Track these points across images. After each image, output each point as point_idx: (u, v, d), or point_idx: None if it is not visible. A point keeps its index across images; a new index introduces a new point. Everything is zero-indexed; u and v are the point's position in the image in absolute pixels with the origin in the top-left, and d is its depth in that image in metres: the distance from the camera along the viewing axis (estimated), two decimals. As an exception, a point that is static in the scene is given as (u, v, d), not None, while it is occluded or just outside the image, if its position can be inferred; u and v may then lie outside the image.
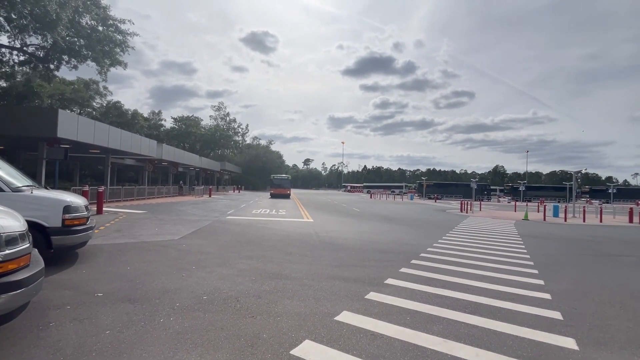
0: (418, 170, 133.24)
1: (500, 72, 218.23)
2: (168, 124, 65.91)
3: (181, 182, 36.72)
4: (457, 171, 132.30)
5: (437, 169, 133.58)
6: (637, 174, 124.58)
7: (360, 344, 3.17)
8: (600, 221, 18.32)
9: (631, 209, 19.39)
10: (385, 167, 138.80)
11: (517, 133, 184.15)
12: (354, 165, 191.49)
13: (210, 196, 33.32)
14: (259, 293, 4.56)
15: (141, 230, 9.87)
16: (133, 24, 23.77)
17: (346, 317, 3.81)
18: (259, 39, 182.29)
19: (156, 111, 65.16)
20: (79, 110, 38.95)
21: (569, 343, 3.33)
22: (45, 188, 6.38)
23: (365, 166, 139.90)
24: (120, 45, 23.14)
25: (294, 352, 2.97)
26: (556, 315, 4.11)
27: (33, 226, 4.81)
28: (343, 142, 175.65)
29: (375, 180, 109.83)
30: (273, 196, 35.53)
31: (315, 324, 3.58)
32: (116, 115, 43.89)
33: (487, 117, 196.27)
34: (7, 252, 2.83)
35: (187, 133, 62.34)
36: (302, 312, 3.93)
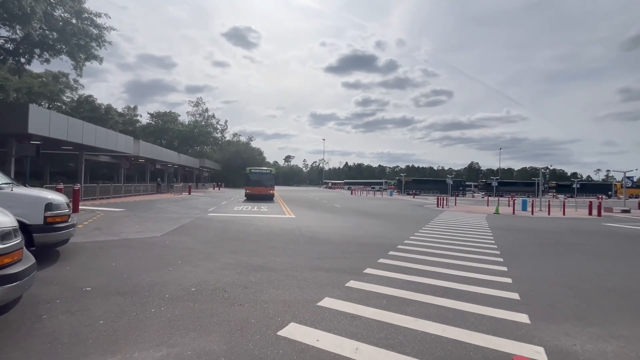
0: (398, 167, 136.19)
1: (476, 72, 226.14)
2: (144, 119, 63.96)
3: (159, 179, 35.89)
4: (435, 168, 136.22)
5: (416, 165, 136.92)
6: (599, 170, 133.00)
7: (341, 324, 3.50)
8: (563, 214, 19.66)
9: (590, 202, 20.90)
10: (366, 163, 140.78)
11: (492, 131, 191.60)
12: (335, 162, 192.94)
13: (189, 194, 32.81)
14: (246, 284, 4.80)
15: (122, 227, 9.79)
16: (109, 17, 22.96)
17: (328, 302, 4.13)
18: (241, 35, 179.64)
19: (131, 106, 63.05)
20: (47, 105, 37.14)
21: (523, 318, 3.80)
22: (24, 186, 6.29)
23: (346, 163, 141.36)
24: (96, 40, 22.29)
25: (281, 333, 3.25)
26: (514, 296, 4.60)
27: (15, 224, 4.80)
28: (324, 139, 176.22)
29: (356, 177, 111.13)
30: (250, 197, 25.26)
31: (299, 309, 3.88)
32: (88, 110, 42.11)
33: (464, 116, 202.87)
34: (2, 246, 2.94)
35: (164, 129, 60.75)
36: (287, 299, 4.22)
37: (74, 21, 21.25)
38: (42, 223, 5.46)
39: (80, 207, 13.70)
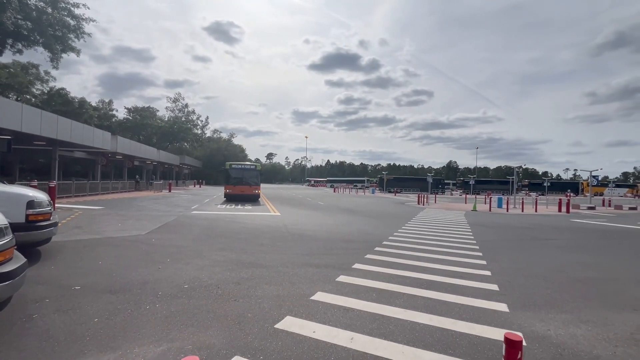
0: (379, 165, 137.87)
1: (456, 72, 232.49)
2: (121, 114, 61.71)
3: (137, 176, 34.82)
4: (415, 166, 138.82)
5: (397, 164, 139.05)
6: (567, 169, 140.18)
7: (335, 316, 3.65)
8: (536, 211, 20.70)
9: (560, 199, 22.11)
10: (348, 161, 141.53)
11: (470, 131, 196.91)
12: (317, 160, 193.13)
13: (170, 191, 32.05)
14: (238, 280, 4.86)
15: (103, 226, 9.53)
16: (88, 8, 21.86)
17: (320, 296, 4.27)
18: (224, 29, 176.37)
19: (106, 100, 60.59)
20: (16, 97, 35.10)
21: (502, 307, 4.09)
22: (2, 183, 6.04)
23: (328, 161, 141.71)
24: (74, 31, 21.21)
25: (278, 326, 3.36)
26: (494, 287, 4.91)
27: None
28: (307, 137, 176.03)
29: (338, 174, 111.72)
30: (230, 198, 21.57)
31: (293, 303, 4.00)
32: (60, 104, 40.11)
33: (444, 115, 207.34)
34: (-5, 245, 2.89)
35: (142, 125, 58.77)
36: (281, 294, 4.32)
37: (49, 10, 20.13)
38: (24, 221, 5.29)
39: (56, 205, 13.15)
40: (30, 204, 5.39)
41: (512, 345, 1.50)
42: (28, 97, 37.95)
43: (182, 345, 2.92)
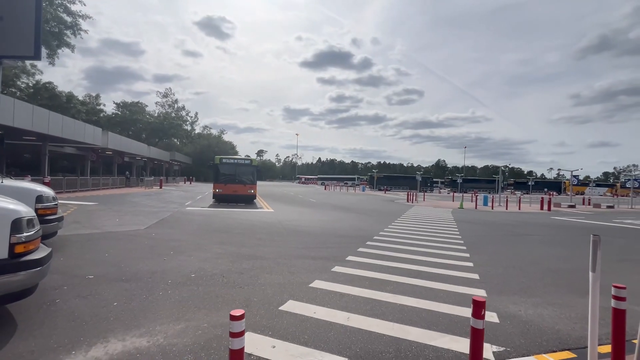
0: (370, 163, 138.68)
1: (446, 72, 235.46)
2: (109, 109, 60.60)
3: (127, 172, 34.54)
4: (405, 164, 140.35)
5: (387, 162, 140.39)
6: (551, 168, 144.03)
7: (333, 300, 4.06)
8: (519, 209, 21.57)
9: (542, 198, 23.05)
10: (338, 159, 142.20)
11: (458, 130, 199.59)
12: (308, 157, 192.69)
13: (161, 188, 31.93)
14: (241, 270, 5.22)
15: (101, 221, 9.72)
16: (84, 5, 21.54)
17: (318, 284, 4.68)
18: (215, 24, 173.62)
19: (93, 94, 59.48)
20: (0, 91, 34.26)
21: (481, 292, 4.57)
22: (11, 178, 6.23)
23: (319, 158, 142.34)
24: (71, 28, 20.95)
25: (282, 308, 3.76)
26: (475, 276, 5.41)
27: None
28: (297, 134, 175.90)
29: (329, 172, 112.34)
30: (220, 199, 17.95)
31: (294, 290, 4.39)
32: (47, 98, 39.24)
33: (433, 115, 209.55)
34: (28, 234, 3.19)
35: (131, 120, 57.93)
36: (282, 282, 4.71)
37: (43, 5, 19.76)
38: (33, 215, 5.50)
39: (49, 200, 13.19)
40: (39, 198, 5.63)
41: (478, 305, 1.92)
42: (13, 90, 37.04)
43: (198, 324, 3.28)
